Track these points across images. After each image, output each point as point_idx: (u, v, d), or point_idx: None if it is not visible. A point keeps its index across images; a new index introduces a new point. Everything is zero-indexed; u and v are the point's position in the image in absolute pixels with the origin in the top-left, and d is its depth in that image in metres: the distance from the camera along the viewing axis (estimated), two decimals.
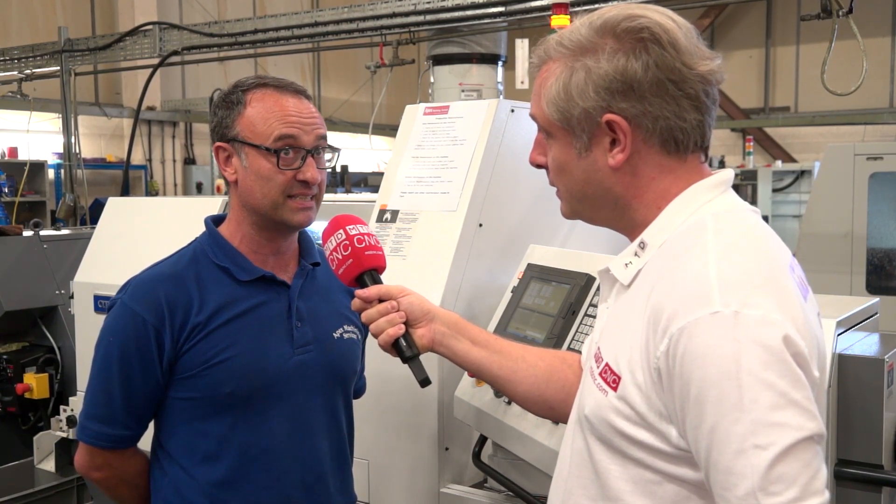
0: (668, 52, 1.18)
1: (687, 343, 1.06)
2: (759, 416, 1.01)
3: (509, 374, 1.58)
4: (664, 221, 1.23)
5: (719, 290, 1.06)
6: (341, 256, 1.62)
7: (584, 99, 1.22)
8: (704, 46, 1.23)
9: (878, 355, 1.80)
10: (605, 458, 1.20)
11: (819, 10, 4.00)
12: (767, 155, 15.01)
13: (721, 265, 1.10)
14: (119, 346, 1.71)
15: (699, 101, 1.21)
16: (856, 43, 3.88)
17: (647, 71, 1.18)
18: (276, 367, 1.75)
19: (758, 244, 1.16)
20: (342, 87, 15.12)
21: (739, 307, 1.05)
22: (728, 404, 1.03)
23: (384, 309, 1.57)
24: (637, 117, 1.20)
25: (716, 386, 1.03)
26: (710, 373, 1.04)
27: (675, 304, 1.09)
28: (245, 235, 1.79)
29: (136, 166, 11.87)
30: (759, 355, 1.03)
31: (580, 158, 1.26)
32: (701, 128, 1.23)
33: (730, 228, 1.18)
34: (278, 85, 1.77)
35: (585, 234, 2.53)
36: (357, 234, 1.62)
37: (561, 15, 3.30)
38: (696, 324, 1.06)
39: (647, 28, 1.19)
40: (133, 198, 4.32)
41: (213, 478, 1.73)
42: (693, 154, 1.25)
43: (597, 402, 1.20)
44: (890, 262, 4.92)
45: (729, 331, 1.04)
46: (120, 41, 6.06)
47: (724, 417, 1.03)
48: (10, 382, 3.99)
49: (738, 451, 1.02)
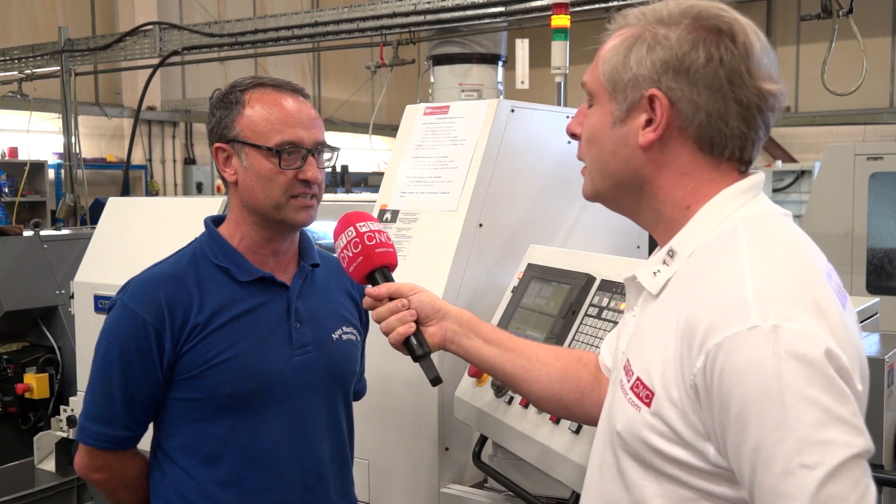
0: (738, 51, 1.16)
1: (725, 359, 1.02)
2: (805, 434, 0.97)
3: (522, 372, 1.56)
4: (694, 229, 1.19)
5: (757, 304, 1.02)
6: (352, 254, 1.61)
7: (640, 66, 1.19)
8: (776, 73, 1.20)
9: (878, 355, 1.81)
10: (637, 475, 1.17)
11: (819, 10, 4.00)
12: (767, 155, 15.01)
13: (757, 276, 1.06)
14: (119, 347, 1.71)
15: (749, 113, 1.17)
16: (856, 43, 3.88)
17: (710, 62, 1.15)
18: (275, 369, 1.75)
19: (793, 252, 1.12)
20: (342, 88, 15.12)
21: (778, 321, 1.01)
22: (771, 423, 0.99)
23: (394, 307, 1.56)
24: (681, 101, 1.17)
25: (758, 404, 0.99)
26: (752, 390, 1.00)
27: (710, 318, 1.05)
28: (245, 236, 1.79)
29: (137, 166, 11.87)
30: (802, 371, 0.99)
31: (613, 129, 1.23)
32: (743, 140, 1.19)
33: (763, 236, 1.14)
34: (276, 84, 1.77)
35: (586, 233, 2.53)
36: (368, 231, 1.61)
37: (561, 15, 3.30)
38: (734, 339, 1.02)
39: (728, 22, 1.17)
40: (133, 198, 4.32)
41: (214, 479, 1.73)
42: (729, 162, 1.21)
43: (629, 417, 1.16)
44: (890, 262, 4.92)
45: (769, 346, 1.00)
46: (120, 41, 6.07)
47: (768, 436, 0.99)
48: (11, 382, 3.99)
49: (785, 471, 0.98)
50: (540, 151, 2.44)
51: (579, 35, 1.31)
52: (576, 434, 1.73)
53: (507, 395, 1.91)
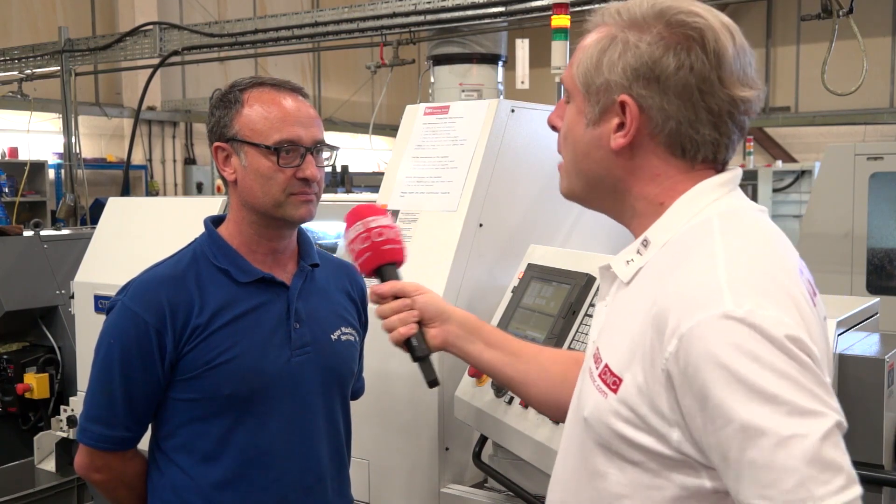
0: (708, 59, 1.15)
1: (700, 344, 1.02)
2: (791, 406, 0.98)
3: (523, 376, 1.57)
4: (668, 220, 1.20)
5: (731, 291, 1.03)
6: (360, 248, 1.62)
7: (611, 71, 1.19)
8: (752, 72, 1.19)
9: (878, 355, 1.81)
10: (602, 461, 1.18)
11: (819, 10, 4.00)
12: (768, 155, 15.01)
13: (730, 266, 1.06)
14: (120, 348, 1.71)
15: (720, 120, 1.17)
16: (856, 43, 3.88)
17: (680, 70, 1.15)
18: (275, 369, 1.75)
19: (767, 247, 1.14)
20: (342, 87, 15.12)
21: (752, 307, 1.02)
22: (756, 401, 0.99)
23: (398, 307, 1.56)
24: (651, 109, 1.17)
25: (740, 384, 0.99)
26: (730, 373, 1.00)
27: (684, 304, 1.05)
28: (244, 236, 1.79)
29: (137, 166, 11.87)
30: (779, 351, 1.00)
31: (587, 130, 1.24)
32: (715, 146, 1.19)
33: (737, 229, 1.14)
34: (275, 84, 1.77)
35: (586, 233, 2.53)
36: (377, 226, 1.62)
37: (561, 15, 3.30)
38: (707, 323, 1.02)
39: (699, 29, 1.16)
40: (133, 198, 4.32)
41: (212, 479, 1.73)
42: (703, 164, 1.21)
43: (596, 404, 1.17)
44: (890, 262, 4.92)
45: (744, 329, 1.01)
46: (120, 41, 6.07)
47: (755, 414, 0.99)
48: (11, 382, 3.99)
49: (777, 444, 0.97)
50: (540, 151, 2.43)
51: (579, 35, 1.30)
52: None
53: (507, 394, 1.91)
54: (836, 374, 1.77)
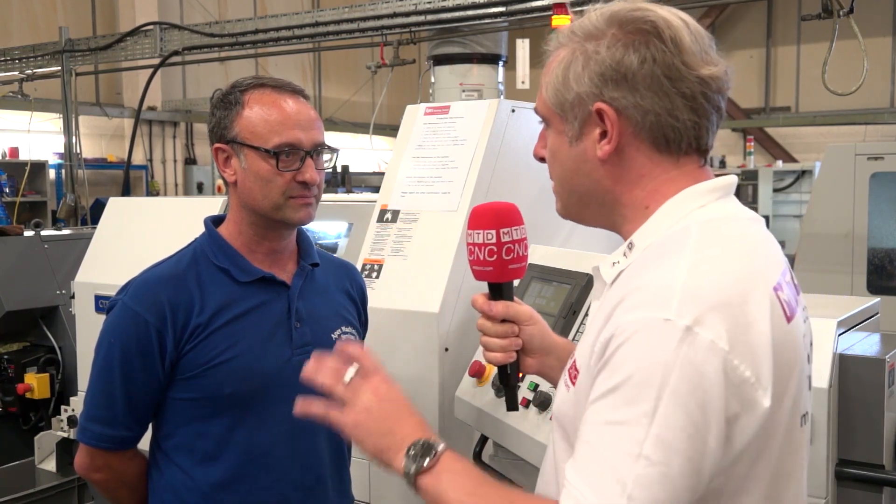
0: (668, 47, 1.17)
1: (632, 337, 1.04)
2: (664, 433, 1.00)
3: None
4: (652, 225, 1.21)
5: (680, 299, 1.04)
6: (482, 258, 1.47)
7: (579, 84, 1.21)
8: (714, 53, 1.20)
9: (878, 355, 1.80)
10: (563, 453, 1.19)
11: (820, 10, 4.00)
12: (768, 155, 15.01)
13: (691, 275, 1.07)
14: (121, 348, 1.71)
15: (696, 103, 1.18)
16: (856, 43, 3.88)
17: (644, 64, 1.17)
18: (275, 369, 1.75)
19: (738, 259, 1.12)
20: (343, 87, 15.12)
21: (692, 323, 1.02)
22: (640, 410, 1.01)
23: (503, 332, 1.49)
24: (627, 109, 1.18)
25: (638, 388, 1.02)
26: (640, 373, 1.02)
27: (635, 301, 1.08)
28: (244, 236, 1.79)
29: (137, 166, 11.87)
30: (691, 379, 1.01)
31: (571, 147, 1.25)
32: (696, 129, 1.20)
33: (713, 239, 1.14)
34: (276, 85, 1.77)
35: (586, 233, 2.53)
36: (509, 241, 1.46)
37: (562, 15, 3.30)
38: (645, 322, 1.04)
39: (651, 21, 1.18)
40: (134, 198, 4.32)
41: (212, 478, 1.73)
42: (688, 156, 1.22)
43: (562, 398, 1.20)
44: (891, 262, 4.92)
45: (673, 343, 1.02)
46: (121, 41, 6.07)
47: (630, 418, 1.01)
48: (11, 382, 3.99)
49: (627, 453, 1.00)
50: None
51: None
52: None
53: None
54: (836, 374, 1.77)
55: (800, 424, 1.14)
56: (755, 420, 1.04)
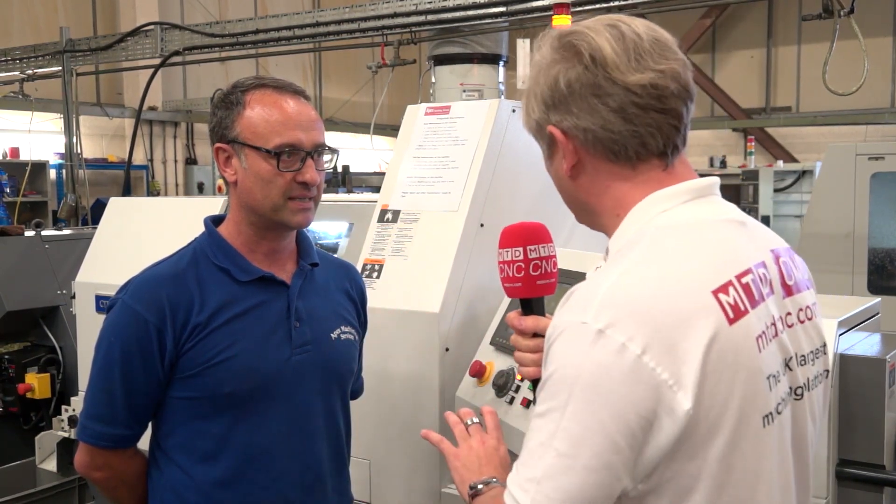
0: (588, 67, 1.21)
1: (557, 337, 1.13)
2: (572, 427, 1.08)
3: None
4: (621, 231, 1.25)
5: (598, 304, 1.10)
6: (511, 275, 1.49)
7: (532, 111, 1.30)
8: (654, 57, 1.20)
9: (879, 355, 1.80)
10: None
11: (820, 10, 4.00)
12: (769, 155, 15.00)
13: (617, 281, 1.13)
14: (120, 346, 1.71)
15: (626, 113, 1.20)
16: (857, 43, 3.88)
17: (570, 86, 1.22)
18: (275, 368, 1.75)
19: (670, 265, 1.14)
20: (343, 88, 15.12)
21: (605, 327, 1.08)
22: (555, 404, 1.10)
23: (534, 346, 1.50)
24: (570, 129, 1.24)
25: (556, 385, 1.11)
26: (559, 371, 1.11)
27: (568, 303, 1.16)
28: (244, 236, 1.79)
29: (138, 166, 11.86)
30: (598, 379, 1.07)
31: (551, 167, 1.34)
32: (637, 137, 1.21)
33: (659, 245, 1.17)
34: (277, 86, 1.77)
35: (587, 234, 2.52)
36: (536, 258, 1.48)
37: (562, 15, 3.30)
38: (567, 323, 1.12)
39: (572, 44, 1.23)
40: (134, 198, 4.32)
41: (211, 477, 1.73)
42: (645, 162, 1.23)
43: None
44: (891, 262, 4.92)
45: (585, 344, 1.09)
46: (121, 41, 6.07)
47: (547, 411, 1.11)
48: (12, 382, 3.99)
49: (541, 443, 1.11)
50: (541, 151, 2.43)
51: None
52: None
53: (508, 395, 1.91)
54: (837, 374, 1.77)
55: (762, 425, 1.13)
56: (676, 421, 1.07)
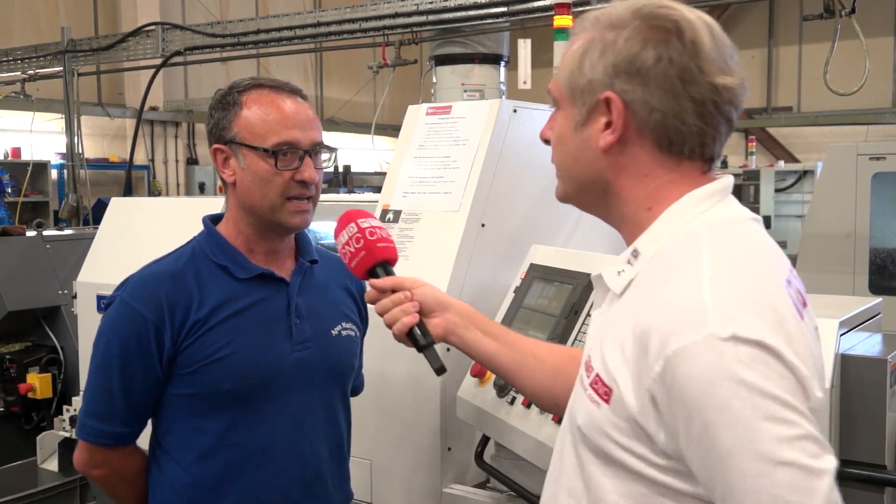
0: (686, 49, 1.16)
1: (686, 368, 1.03)
2: (778, 432, 0.99)
3: (518, 367, 1.59)
4: (657, 231, 1.20)
5: (715, 312, 1.03)
6: (354, 249, 1.62)
7: (593, 71, 1.21)
8: (734, 64, 1.20)
9: (880, 355, 1.80)
10: (596, 470, 1.18)
11: (821, 10, 4.00)
12: (770, 155, 15.00)
13: (715, 284, 1.06)
14: (119, 344, 1.71)
15: (704, 109, 1.17)
16: (858, 43, 3.88)
17: (659, 62, 1.16)
18: (275, 364, 1.75)
19: (753, 260, 1.13)
20: (344, 88, 15.11)
21: (736, 329, 1.02)
22: (741, 426, 1.00)
23: (398, 299, 1.58)
24: (635, 102, 1.18)
25: (725, 410, 1.01)
26: (717, 397, 1.01)
27: (668, 325, 1.06)
28: (243, 236, 1.79)
29: (139, 166, 11.86)
30: (765, 373, 1.00)
31: (575, 133, 1.25)
32: (701, 136, 1.19)
33: (724, 242, 1.14)
34: (274, 85, 1.77)
35: (588, 233, 2.53)
36: (369, 227, 1.63)
37: (564, 15, 3.30)
38: (692, 347, 1.03)
39: (674, 20, 1.18)
40: (136, 198, 4.32)
41: (211, 474, 1.73)
42: (691, 161, 1.21)
43: (589, 413, 1.17)
44: (893, 262, 4.91)
45: (729, 353, 1.01)
46: (123, 41, 6.08)
47: (741, 440, 1.00)
48: (14, 382, 4.00)
49: (761, 471, 0.99)
50: (542, 151, 2.40)
51: None
52: None
53: (509, 395, 1.91)
54: (838, 374, 1.77)
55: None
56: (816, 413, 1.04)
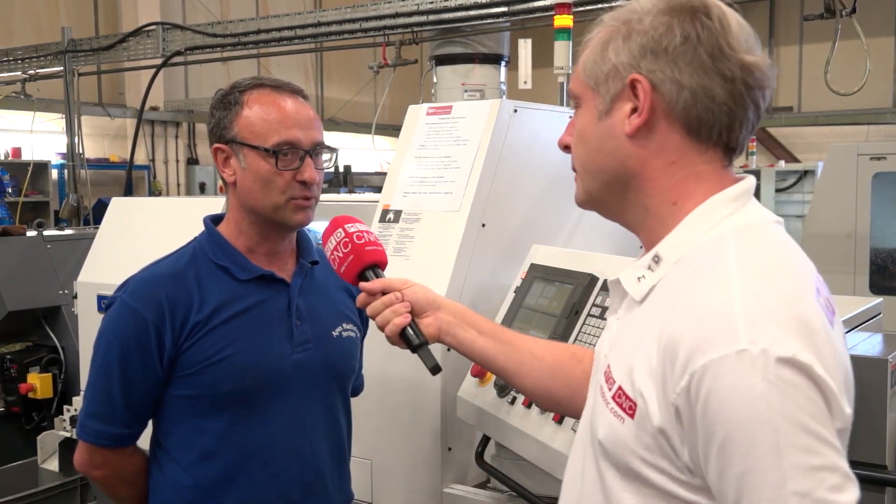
0: (713, 26, 1.14)
1: (712, 383, 0.99)
2: (799, 460, 0.95)
3: (515, 365, 1.57)
4: (681, 235, 1.16)
5: (745, 325, 0.99)
6: (342, 254, 1.61)
7: (617, 54, 1.17)
8: (758, 48, 1.18)
9: (881, 355, 1.80)
10: (618, 484, 1.15)
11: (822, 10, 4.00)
12: (770, 155, 14.99)
13: (745, 295, 1.02)
14: (119, 345, 1.71)
15: (734, 87, 1.14)
16: (859, 43, 3.88)
17: (687, 40, 1.13)
18: (275, 365, 1.75)
19: (783, 268, 1.08)
20: (345, 88, 15.11)
21: (767, 344, 0.97)
22: (762, 449, 0.96)
23: (388, 300, 1.56)
24: (664, 83, 1.14)
25: (747, 430, 0.97)
26: (740, 415, 0.97)
27: (695, 337, 1.02)
28: (245, 236, 1.79)
29: (139, 166, 11.86)
30: (793, 396, 0.96)
31: (599, 123, 1.21)
32: (730, 118, 1.15)
33: (752, 249, 1.10)
34: (275, 85, 1.77)
35: (589, 233, 2.53)
36: (356, 231, 1.62)
37: (564, 15, 3.30)
38: (721, 362, 0.98)
39: (700, 1, 1.16)
40: (136, 198, 4.32)
41: (212, 475, 1.73)
42: (715, 150, 1.18)
43: (612, 427, 1.13)
44: (893, 262, 4.91)
45: (758, 371, 0.97)
46: (123, 41, 6.09)
47: (759, 463, 0.96)
48: (14, 382, 4.00)
49: (776, 498, 0.95)
50: (543, 151, 2.43)
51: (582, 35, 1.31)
52: None
53: (509, 395, 1.91)
54: None
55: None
56: (845, 430, 1.02)
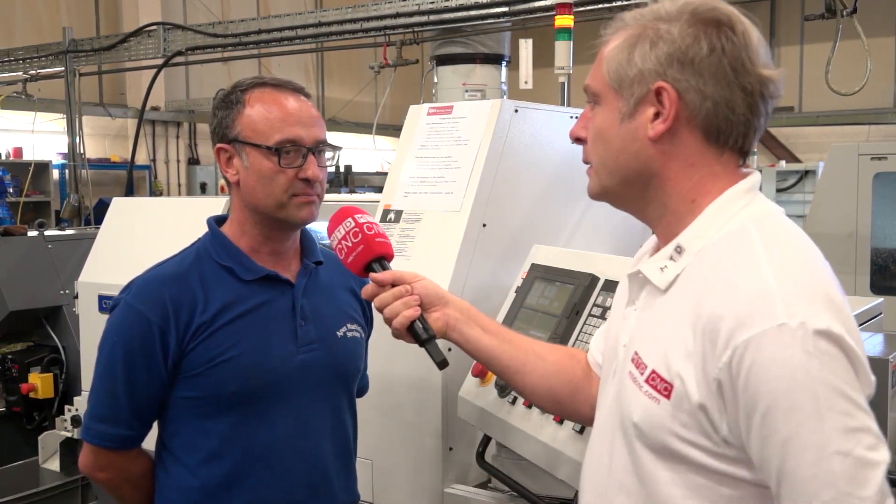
0: (738, 40, 1.20)
1: (755, 355, 1.06)
2: (838, 423, 1.04)
3: (518, 365, 1.59)
4: (701, 226, 1.22)
5: (783, 302, 1.07)
6: (351, 244, 1.61)
7: (644, 60, 1.22)
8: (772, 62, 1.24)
9: (882, 355, 1.80)
10: (653, 465, 1.19)
11: (823, 10, 4.00)
12: (771, 155, 14.98)
13: (778, 275, 1.10)
14: (123, 347, 1.71)
15: (752, 99, 1.21)
16: (860, 43, 3.88)
17: (713, 52, 1.19)
18: (280, 366, 1.75)
19: (805, 251, 1.18)
20: (346, 88, 15.11)
21: (805, 318, 1.06)
22: (804, 414, 1.04)
23: (399, 293, 1.56)
24: (687, 91, 1.20)
25: (788, 397, 1.05)
26: (782, 385, 1.05)
27: (736, 315, 1.09)
28: (248, 236, 1.79)
29: (140, 166, 11.87)
30: (830, 365, 1.05)
31: (621, 125, 1.26)
32: (746, 127, 1.22)
33: (775, 235, 1.18)
34: (277, 84, 1.77)
35: (589, 233, 2.53)
36: (366, 222, 1.62)
37: (565, 15, 3.30)
38: (763, 336, 1.06)
39: (726, 15, 1.22)
40: (137, 198, 4.33)
41: (217, 477, 1.73)
42: (731, 153, 1.25)
43: (647, 409, 1.19)
44: (894, 262, 4.91)
45: (798, 342, 1.05)
46: (124, 41, 6.09)
47: (802, 427, 1.04)
48: (15, 382, 4.00)
49: (819, 459, 1.03)
50: (543, 151, 2.44)
51: (583, 35, 1.32)
52: (579, 434, 1.73)
53: (510, 395, 1.91)
54: None
55: None
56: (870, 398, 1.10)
